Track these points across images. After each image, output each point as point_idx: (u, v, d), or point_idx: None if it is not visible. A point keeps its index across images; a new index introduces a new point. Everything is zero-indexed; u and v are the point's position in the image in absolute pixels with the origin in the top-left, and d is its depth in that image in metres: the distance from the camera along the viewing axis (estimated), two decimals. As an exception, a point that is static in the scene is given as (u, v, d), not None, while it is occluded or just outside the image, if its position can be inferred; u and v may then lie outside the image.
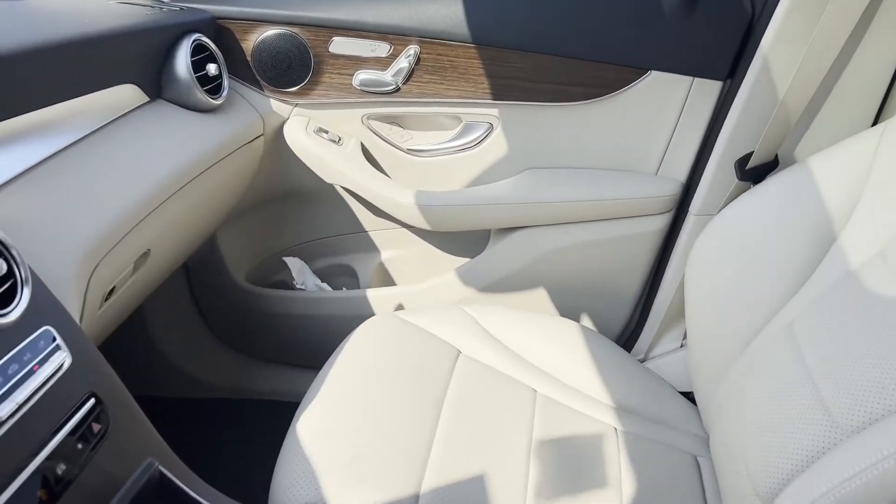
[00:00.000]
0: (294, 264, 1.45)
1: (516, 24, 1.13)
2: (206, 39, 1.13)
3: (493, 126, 1.24)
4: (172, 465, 0.76)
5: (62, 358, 0.63)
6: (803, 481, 0.67)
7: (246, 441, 1.45)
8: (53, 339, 0.63)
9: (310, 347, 1.45)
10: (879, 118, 1.04)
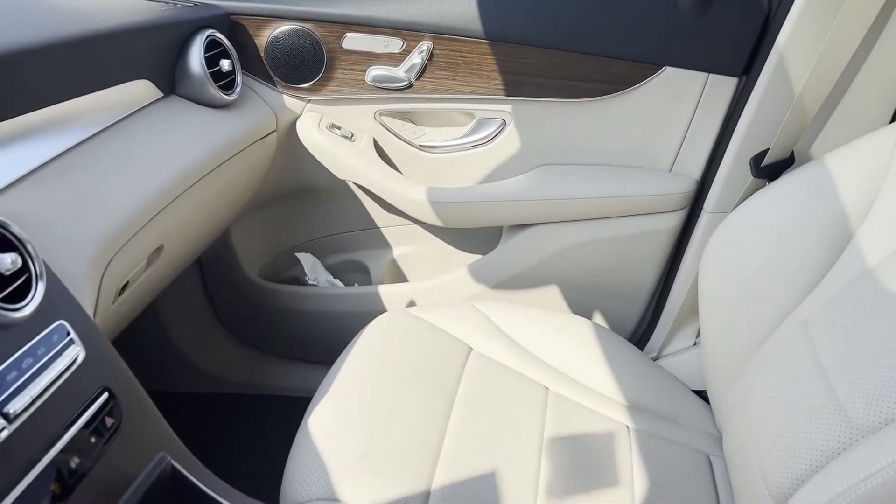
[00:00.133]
0: (306, 260, 1.46)
1: (530, 20, 1.13)
2: (220, 35, 1.13)
3: (506, 122, 1.24)
4: (184, 460, 0.76)
5: (76, 352, 0.63)
6: (818, 482, 0.66)
7: (258, 436, 1.46)
8: (67, 334, 0.63)
9: (322, 343, 1.45)
10: (897, 115, 1.03)
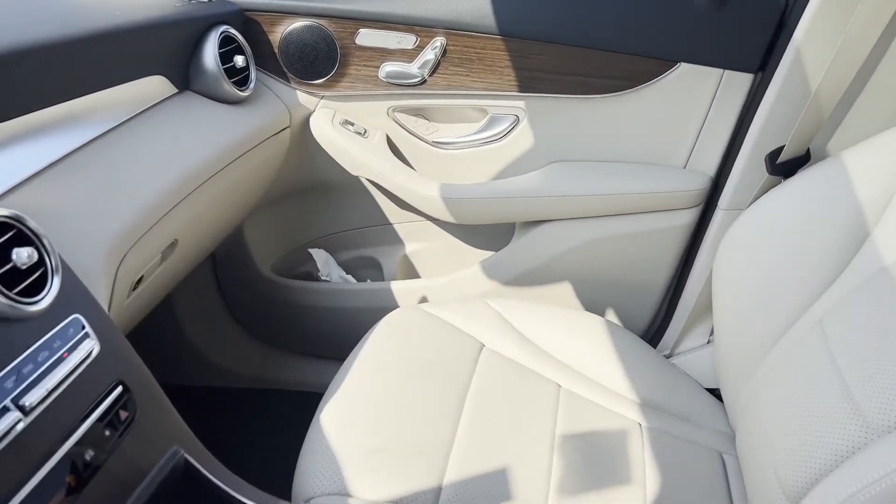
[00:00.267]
0: (319, 256, 1.46)
1: (543, 16, 1.12)
2: (234, 31, 1.14)
3: (520, 118, 1.23)
4: (198, 453, 0.76)
5: (91, 346, 0.63)
6: (832, 481, 0.65)
7: (270, 431, 1.46)
8: (83, 327, 0.64)
9: (334, 339, 1.45)
10: (916, 112, 1.01)
